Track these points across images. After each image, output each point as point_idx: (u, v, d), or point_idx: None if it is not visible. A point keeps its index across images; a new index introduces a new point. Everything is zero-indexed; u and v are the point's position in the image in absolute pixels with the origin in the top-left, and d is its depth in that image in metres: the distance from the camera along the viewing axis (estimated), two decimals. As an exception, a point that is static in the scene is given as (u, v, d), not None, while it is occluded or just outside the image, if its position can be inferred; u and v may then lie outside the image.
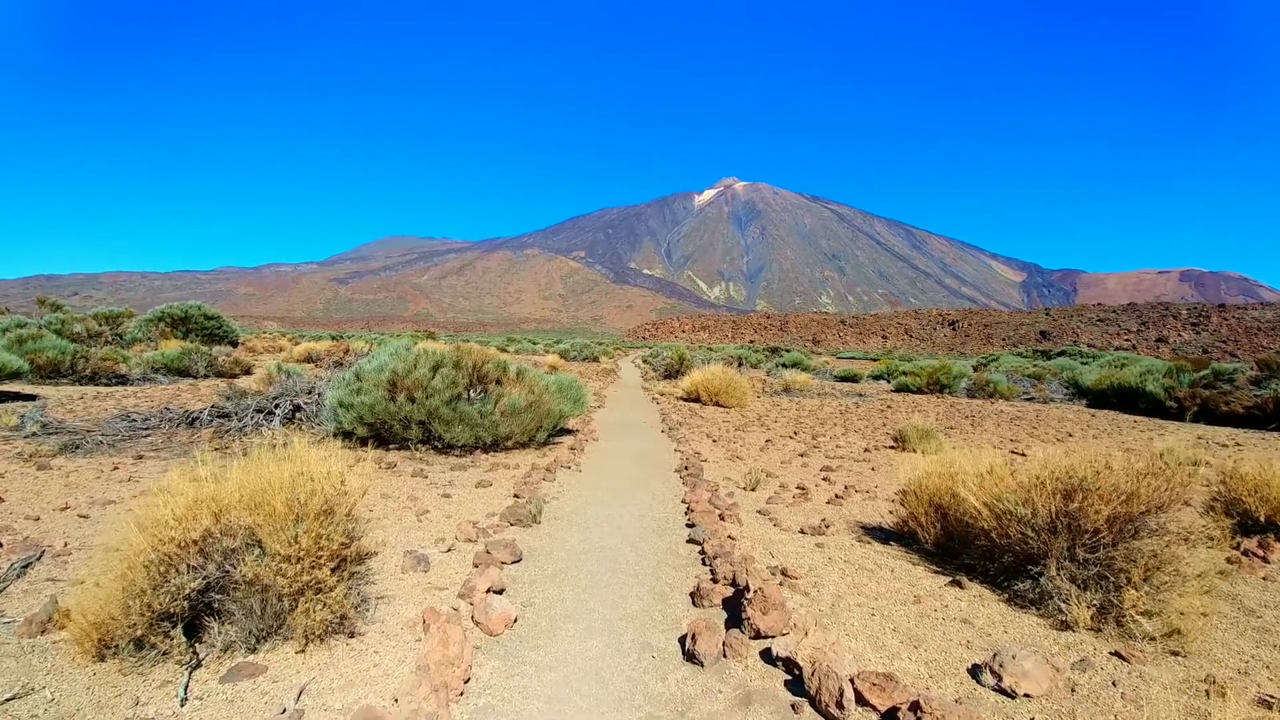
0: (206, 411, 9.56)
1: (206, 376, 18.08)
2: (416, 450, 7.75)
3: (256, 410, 9.25)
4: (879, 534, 4.57)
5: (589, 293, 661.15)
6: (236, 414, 9.37)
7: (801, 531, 4.53)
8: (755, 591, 2.73)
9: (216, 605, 2.65)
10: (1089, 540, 3.21)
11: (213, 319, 29.11)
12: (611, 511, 5.21)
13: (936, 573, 3.66)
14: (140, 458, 7.37)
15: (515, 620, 2.94)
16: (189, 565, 2.59)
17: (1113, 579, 3.23)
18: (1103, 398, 19.50)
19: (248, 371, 19.50)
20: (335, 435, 8.57)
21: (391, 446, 8.00)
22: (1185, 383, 18.07)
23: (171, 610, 2.55)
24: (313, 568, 2.63)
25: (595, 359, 38.04)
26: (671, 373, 24.25)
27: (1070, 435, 12.36)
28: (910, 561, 3.84)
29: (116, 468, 6.88)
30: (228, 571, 2.59)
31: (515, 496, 5.56)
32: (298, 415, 9.62)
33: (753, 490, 6.28)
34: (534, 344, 59.07)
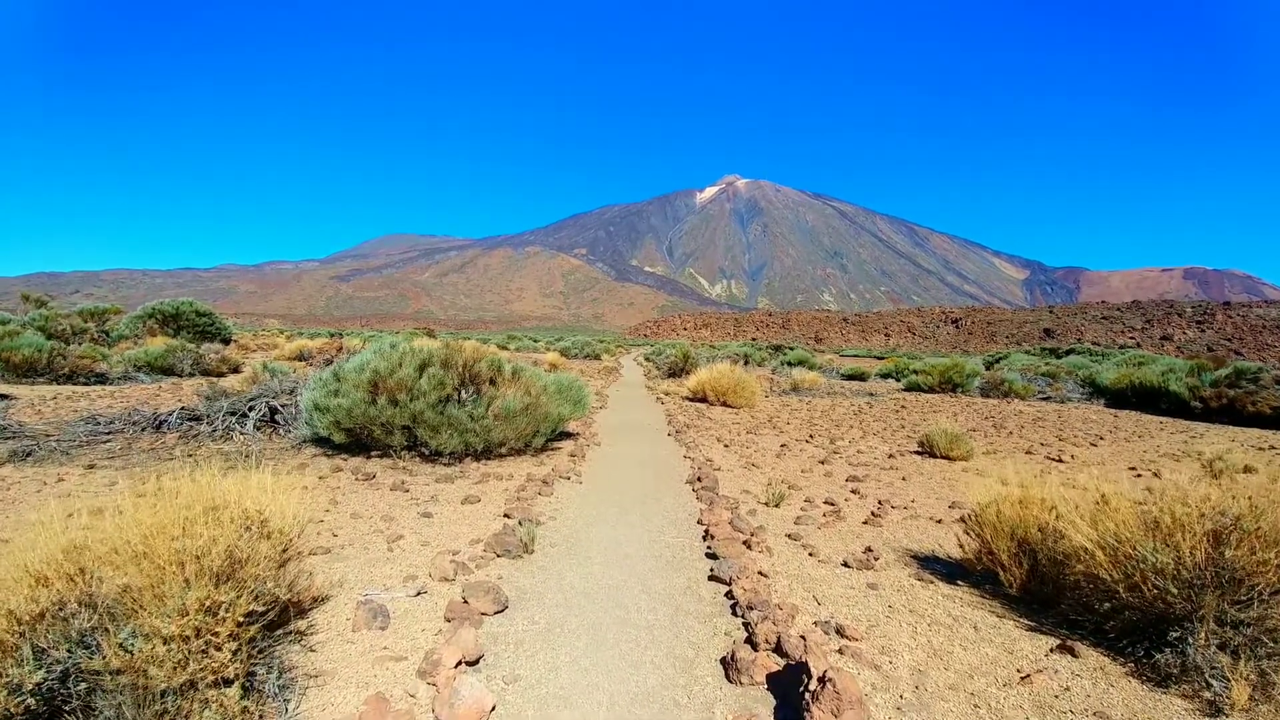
0: (175, 414, 8.82)
1: (192, 375, 17.32)
2: (400, 458, 7.00)
3: (229, 413, 8.51)
4: (938, 568, 3.81)
5: (590, 290, 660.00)
6: (207, 417, 8.64)
7: (845, 564, 3.78)
8: (824, 682, 1.98)
9: (81, 701, 1.90)
10: (1243, 596, 2.45)
11: (204, 315, 28.38)
12: (617, 535, 4.46)
13: (1032, 629, 2.90)
14: (91, 467, 6.64)
15: (493, 709, 2.19)
16: (35, 647, 1.85)
17: (1270, 643, 2.48)
18: (1121, 397, 18.76)
19: (236, 370, 18.76)
20: (312, 441, 7.83)
21: (373, 454, 7.25)
22: (1207, 382, 17.30)
23: (12, 711, 1.81)
24: (204, 651, 1.88)
25: (596, 357, 37.29)
26: (675, 371, 23.48)
27: (1101, 439, 11.60)
28: (993, 612, 3.08)
29: (61, 479, 6.15)
30: (78, 664, 1.83)
31: (505, 516, 4.81)
32: (276, 418, 8.88)
33: (776, 506, 5.53)
34: (535, 341, 58.35)
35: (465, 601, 2.91)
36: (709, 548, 4.08)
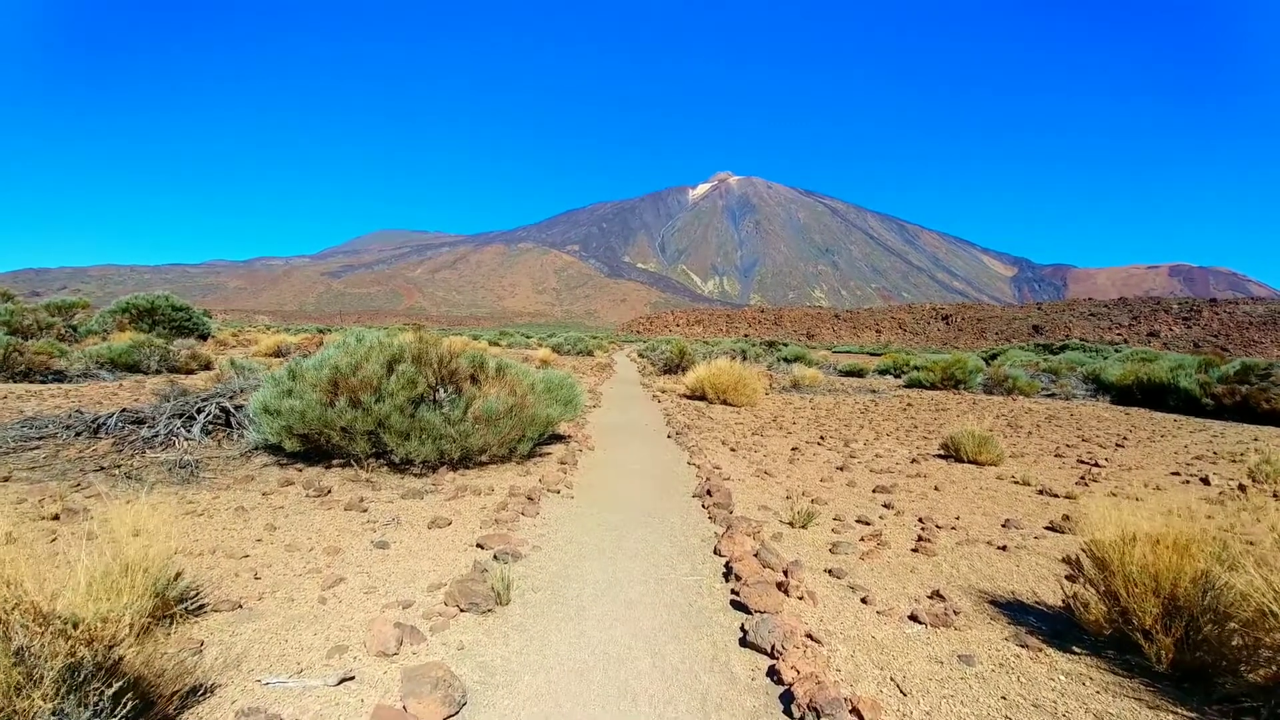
0: (115, 416, 7.84)
1: (159, 372, 16.24)
2: (364, 468, 6.08)
3: (174, 415, 7.54)
4: (1033, 622, 2.96)
5: (583, 286, 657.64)
6: (151, 420, 7.67)
7: (914, 619, 2.92)
8: None
9: None
10: None
11: (181, 310, 27.19)
12: (615, 572, 3.58)
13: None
14: (7, 479, 5.69)
15: None
16: None
17: None
18: (1126, 394, 18.18)
19: (207, 367, 17.68)
20: (265, 448, 6.88)
21: (334, 462, 6.32)
22: (1215, 378, 16.72)
23: None
24: None
25: (589, 353, 36.39)
26: (671, 367, 22.64)
27: (1125, 439, 10.84)
28: (1141, 700, 2.22)
29: (-32, 495, 5.19)
30: None
31: (478, 547, 3.92)
32: (232, 420, 7.93)
33: (804, 528, 4.67)
34: (527, 338, 57.44)
35: (403, 706, 2.02)
36: (734, 591, 3.21)
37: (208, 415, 7.49)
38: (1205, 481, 7.52)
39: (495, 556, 3.62)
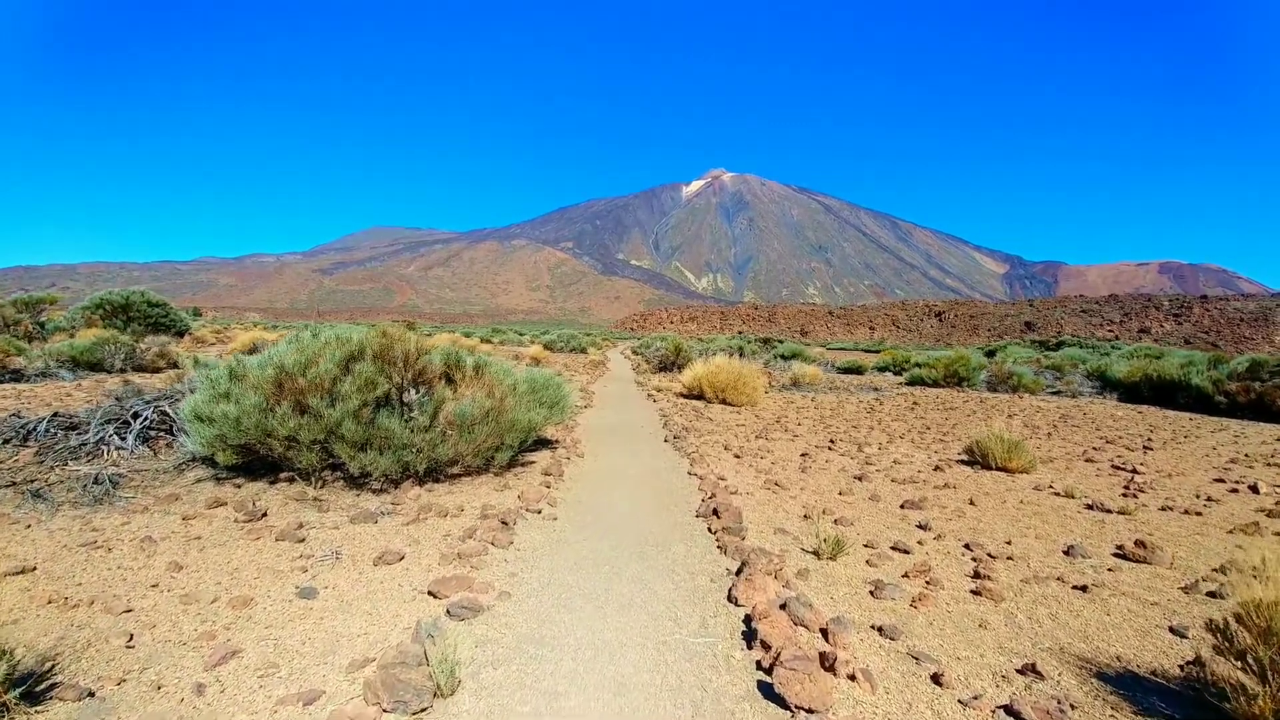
0: (46, 421, 6.95)
1: (124, 371, 15.27)
2: (314, 483, 5.23)
3: (107, 420, 6.66)
4: (1160, 704, 2.18)
5: (577, 284, 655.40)
6: (84, 426, 6.80)
7: (1011, 713, 2.13)
8: None
9: None
10: None
11: (157, 306, 26.14)
12: (604, 633, 2.76)
13: None
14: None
15: None
16: None
17: None
18: (1134, 391, 17.63)
19: (175, 365, 16.71)
20: (204, 459, 6.01)
21: (282, 476, 5.46)
22: (1225, 374, 16.15)
23: None
24: None
25: (583, 350, 35.54)
26: (667, 365, 21.83)
27: (1150, 440, 10.12)
28: None
29: None
30: None
31: (431, 595, 3.09)
32: (174, 426, 7.05)
33: (833, 559, 3.87)
34: (521, 335, 56.59)
35: None
36: (761, 667, 2.41)
37: (144, 421, 6.61)
38: (1254, 490, 6.79)
39: (449, 612, 2.80)
